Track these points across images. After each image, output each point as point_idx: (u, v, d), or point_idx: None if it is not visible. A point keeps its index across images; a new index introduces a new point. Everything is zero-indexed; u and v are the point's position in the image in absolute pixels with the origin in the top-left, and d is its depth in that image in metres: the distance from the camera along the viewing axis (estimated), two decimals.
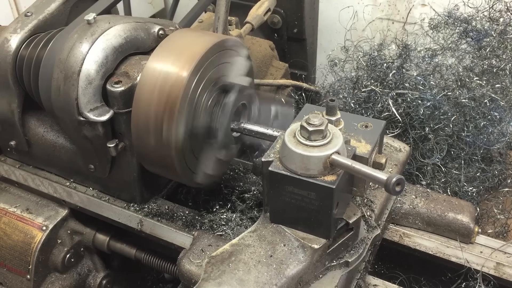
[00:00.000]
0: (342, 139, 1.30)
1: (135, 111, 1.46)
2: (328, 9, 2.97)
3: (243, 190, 1.79)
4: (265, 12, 2.34)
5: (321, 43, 3.03)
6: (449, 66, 2.22)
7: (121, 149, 1.61)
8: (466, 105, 2.07)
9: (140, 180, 1.71)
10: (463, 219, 1.72)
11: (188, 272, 1.49)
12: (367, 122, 1.48)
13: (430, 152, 2.10)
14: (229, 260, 1.34)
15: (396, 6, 3.00)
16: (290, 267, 1.33)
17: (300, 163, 1.27)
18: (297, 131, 1.30)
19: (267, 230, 1.41)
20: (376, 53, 2.29)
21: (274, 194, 1.35)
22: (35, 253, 1.78)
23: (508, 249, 1.71)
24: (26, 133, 1.83)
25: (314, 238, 1.37)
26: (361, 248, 1.48)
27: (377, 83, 2.16)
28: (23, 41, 1.72)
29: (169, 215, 1.73)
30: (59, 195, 1.83)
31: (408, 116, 2.11)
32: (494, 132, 2.06)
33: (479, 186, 2.10)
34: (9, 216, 1.84)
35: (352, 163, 1.23)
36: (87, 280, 1.94)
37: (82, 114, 1.52)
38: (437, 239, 1.75)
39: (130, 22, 1.59)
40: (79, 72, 1.49)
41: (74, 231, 1.85)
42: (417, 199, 1.78)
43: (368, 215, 1.57)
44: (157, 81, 1.42)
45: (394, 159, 1.78)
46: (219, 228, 1.65)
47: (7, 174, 1.92)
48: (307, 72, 2.83)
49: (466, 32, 2.20)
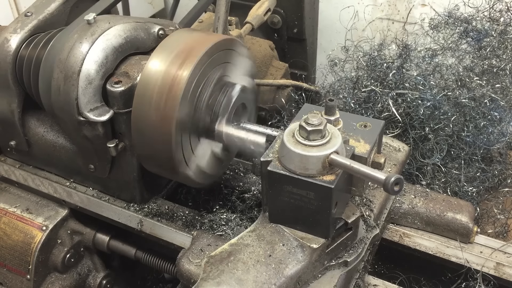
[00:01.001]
0: (341, 138, 1.30)
1: (135, 111, 1.46)
2: (328, 9, 2.98)
3: (243, 190, 1.80)
4: (265, 12, 2.34)
5: (321, 43, 3.03)
6: (449, 66, 2.22)
7: (121, 149, 1.61)
8: (466, 105, 2.07)
9: (140, 180, 1.71)
10: (462, 219, 1.72)
11: (187, 272, 1.49)
12: (366, 122, 1.48)
13: (430, 152, 2.10)
14: (228, 260, 1.34)
15: (396, 6, 3.01)
16: (289, 266, 1.33)
17: (299, 163, 1.27)
18: (296, 131, 1.30)
19: (266, 229, 1.41)
20: (376, 53, 2.29)
21: (273, 194, 1.35)
22: (35, 253, 1.78)
23: (508, 249, 1.71)
24: (26, 133, 1.83)
25: (313, 237, 1.37)
26: (360, 247, 1.48)
27: (377, 83, 2.16)
28: (23, 41, 1.72)
29: (169, 215, 1.73)
30: (59, 195, 1.84)
31: (408, 116, 2.11)
32: (494, 132, 2.06)
33: (479, 186, 2.09)
34: (9, 216, 1.84)
35: (350, 163, 1.23)
36: (87, 280, 1.94)
37: (82, 114, 1.52)
38: (437, 239, 1.75)
39: (130, 22, 1.59)
40: (79, 72, 1.49)
41: (74, 231, 1.85)
42: (416, 198, 1.78)
43: (367, 214, 1.57)
44: (157, 81, 1.42)
45: (393, 158, 1.78)
46: (219, 228, 1.65)
47: (7, 174, 1.93)
48: (307, 72, 2.83)
49: (466, 32, 2.20)
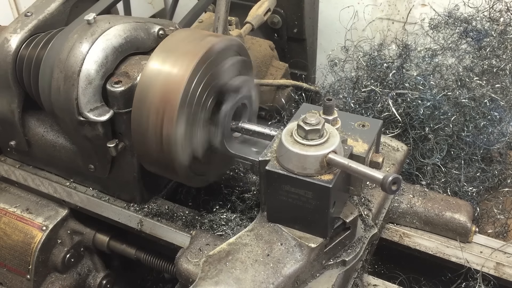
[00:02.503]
0: (339, 138, 1.30)
1: (135, 111, 1.46)
2: (328, 9, 2.98)
3: (243, 190, 1.79)
4: (265, 12, 2.34)
5: (321, 43, 3.03)
6: (449, 66, 2.22)
7: (121, 149, 1.61)
8: (466, 105, 2.07)
9: (140, 180, 1.71)
10: (460, 218, 1.72)
11: (185, 271, 1.49)
12: (364, 122, 1.48)
13: (430, 152, 2.10)
14: (226, 259, 1.34)
15: (396, 6, 3.01)
16: (287, 266, 1.33)
17: (297, 162, 1.28)
18: (294, 131, 1.31)
19: (264, 229, 1.41)
20: (376, 53, 2.29)
21: (271, 193, 1.36)
22: (35, 253, 1.78)
23: (508, 249, 1.71)
24: (26, 133, 1.84)
25: (311, 237, 1.38)
26: (358, 247, 1.48)
27: (377, 83, 2.16)
28: (23, 41, 1.72)
29: (169, 215, 1.73)
30: (59, 195, 1.84)
31: (408, 116, 2.11)
32: (494, 132, 2.06)
33: (479, 186, 2.09)
34: (9, 216, 1.84)
35: (348, 162, 1.23)
36: (87, 280, 1.94)
37: (82, 114, 1.52)
38: (437, 239, 1.74)
39: (130, 22, 1.59)
40: (79, 72, 1.49)
41: (74, 231, 1.85)
42: (414, 198, 1.78)
43: (366, 214, 1.57)
44: (157, 81, 1.42)
45: (392, 158, 1.78)
46: (219, 228, 1.65)
47: (7, 174, 1.93)
48: (307, 72, 2.83)
49: (466, 32, 2.20)
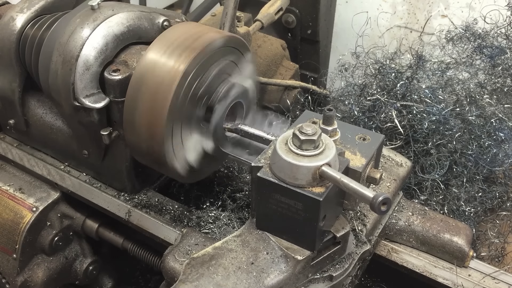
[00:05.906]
0: (334, 150, 1.27)
1: (128, 101, 1.44)
2: (347, 13, 2.92)
3: (236, 189, 1.77)
4: (277, 11, 2.30)
5: (336, 46, 2.97)
6: (460, 81, 2.17)
7: (115, 137, 1.59)
8: (472, 122, 2.02)
9: (131, 170, 1.69)
10: (459, 242, 1.67)
11: (171, 270, 1.47)
12: (365, 135, 1.44)
13: (431, 167, 2.05)
14: (209, 264, 1.31)
15: (416, 15, 2.95)
16: (270, 276, 1.30)
17: (288, 172, 1.24)
18: (290, 139, 1.27)
19: (252, 236, 1.38)
20: (387, 62, 2.24)
21: (261, 200, 1.32)
22: (23, 233, 1.77)
23: (500, 276, 1.67)
24: (25, 113, 1.82)
25: (298, 248, 1.34)
26: (347, 263, 1.44)
27: (384, 93, 2.11)
28: (29, 21, 1.71)
29: (158, 208, 1.71)
30: (52, 177, 1.82)
31: (412, 128, 2.06)
32: (499, 153, 2.01)
33: (478, 207, 2.05)
34: (2, 194, 1.83)
35: (340, 177, 1.19)
36: (73, 264, 1.93)
37: (77, 100, 1.51)
38: (425, 258, 1.70)
39: (134, 11, 1.57)
40: (77, 57, 1.47)
41: (64, 215, 1.84)
42: (413, 216, 1.73)
43: (359, 229, 1.53)
44: (153, 72, 1.40)
45: (394, 173, 1.73)
46: (206, 226, 1.63)
47: (4, 152, 1.92)
48: (317, 74, 2.79)
49: (480, 48, 2.15)
